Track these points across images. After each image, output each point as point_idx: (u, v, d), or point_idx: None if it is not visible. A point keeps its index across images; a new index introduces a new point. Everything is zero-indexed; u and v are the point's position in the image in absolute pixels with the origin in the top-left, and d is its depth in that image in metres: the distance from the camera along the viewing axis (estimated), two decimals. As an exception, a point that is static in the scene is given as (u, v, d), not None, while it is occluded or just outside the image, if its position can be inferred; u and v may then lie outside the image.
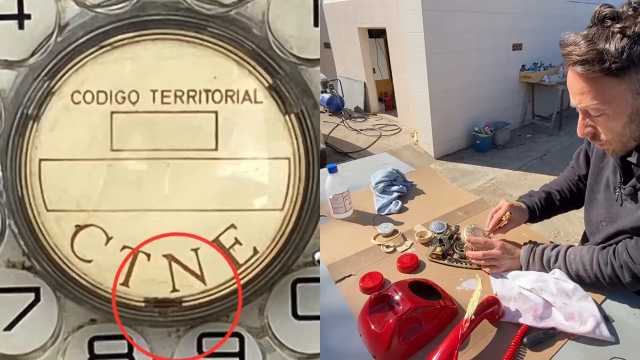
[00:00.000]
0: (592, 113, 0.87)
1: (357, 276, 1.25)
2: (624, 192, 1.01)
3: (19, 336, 0.72)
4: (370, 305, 1.03)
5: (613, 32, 0.77)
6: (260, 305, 0.74)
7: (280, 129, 0.72)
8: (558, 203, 1.34)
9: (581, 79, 0.84)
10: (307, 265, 0.74)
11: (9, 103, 0.70)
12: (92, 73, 0.71)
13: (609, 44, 0.77)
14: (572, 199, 1.35)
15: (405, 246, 1.39)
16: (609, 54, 0.77)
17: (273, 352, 0.75)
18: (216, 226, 0.73)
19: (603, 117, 0.86)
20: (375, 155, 2.60)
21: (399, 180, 1.86)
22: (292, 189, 0.73)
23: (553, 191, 1.36)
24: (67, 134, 0.71)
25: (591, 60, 0.78)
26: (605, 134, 0.90)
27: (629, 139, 0.90)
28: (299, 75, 0.72)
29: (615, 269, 0.97)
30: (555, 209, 1.36)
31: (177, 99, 0.71)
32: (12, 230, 0.72)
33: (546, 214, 1.36)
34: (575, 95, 0.88)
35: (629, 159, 0.97)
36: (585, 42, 0.80)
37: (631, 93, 0.81)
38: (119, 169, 0.72)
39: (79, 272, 0.72)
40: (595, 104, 0.84)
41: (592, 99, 0.84)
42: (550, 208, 1.35)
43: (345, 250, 1.40)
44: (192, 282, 0.73)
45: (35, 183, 0.71)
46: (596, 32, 0.80)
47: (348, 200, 1.62)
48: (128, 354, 0.73)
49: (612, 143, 0.92)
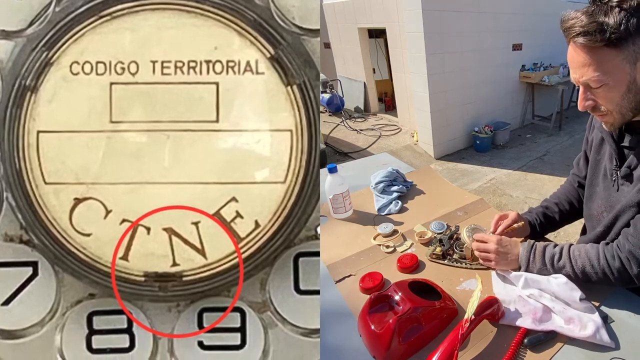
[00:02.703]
0: (593, 85, 0.90)
1: (357, 276, 1.26)
2: (620, 174, 1.04)
3: (17, 311, 0.71)
4: (370, 305, 1.03)
5: (611, 6, 0.82)
6: (262, 279, 0.73)
7: (282, 100, 0.71)
8: (558, 217, 1.36)
9: (583, 51, 0.87)
10: (309, 239, 0.73)
11: (6, 74, 0.69)
12: (91, 43, 0.70)
13: (608, 17, 0.82)
14: (572, 212, 1.37)
15: (405, 246, 1.40)
16: (609, 26, 0.81)
17: (275, 328, 0.73)
18: (217, 199, 0.72)
19: (603, 88, 0.90)
20: (375, 155, 2.60)
21: (399, 180, 1.86)
22: (294, 162, 0.72)
23: (551, 205, 1.38)
24: (66, 105, 0.70)
25: (592, 31, 0.83)
26: (606, 105, 0.93)
27: (627, 110, 0.93)
28: (301, 45, 0.71)
29: (623, 261, 0.98)
30: (555, 223, 1.37)
31: (177, 69, 0.70)
32: (9, 203, 0.70)
33: (549, 229, 1.36)
34: (576, 69, 0.91)
35: (623, 144, 1.03)
36: (586, 16, 0.84)
37: (629, 63, 0.86)
38: (119, 141, 0.70)
39: (77, 245, 0.71)
40: (597, 76, 0.87)
41: (594, 71, 0.87)
42: (551, 223, 1.36)
43: (345, 250, 1.41)
44: (193, 256, 0.72)
45: (33, 155, 0.70)
46: (595, 7, 0.84)
47: (348, 200, 1.63)
48: (127, 329, 0.72)
49: (611, 114, 0.95)
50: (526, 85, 6.27)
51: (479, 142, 5.58)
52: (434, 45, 4.82)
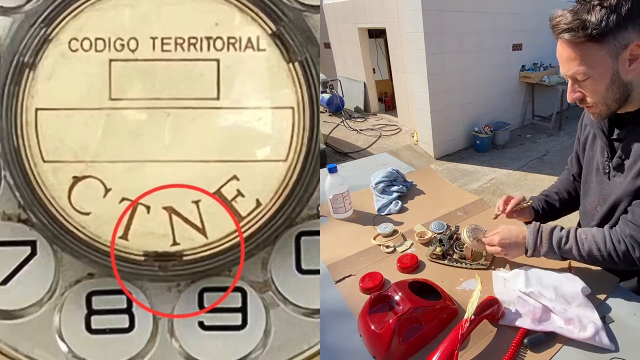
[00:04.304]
0: (579, 78, 0.97)
1: (357, 276, 1.25)
2: (612, 165, 1.10)
3: (15, 291, 0.70)
4: (370, 306, 1.03)
5: (593, 5, 0.88)
6: (263, 259, 0.72)
7: (284, 77, 0.71)
8: (558, 205, 1.41)
9: (568, 46, 0.94)
10: (311, 217, 0.72)
11: (4, 51, 0.68)
12: (90, 20, 0.69)
13: (591, 15, 0.88)
14: (571, 201, 1.42)
15: (405, 246, 1.40)
16: (591, 23, 0.88)
17: (276, 307, 0.72)
18: (218, 177, 0.71)
19: (589, 80, 0.96)
20: (375, 155, 2.60)
21: (399, 180, 1.86)
22: (296, 139, 0.71)
23: (552, 195, 1.43)
24: (65, 82, 0.69)
25: (576, 27, 0.90)
26: (592, 97, 1.00)
27: (612, 101, 0.99)
28: (303, 21, 0.71)
29: (627, 245, 1.01)
30: (556, 211, 1.41)
31: (177, 46, 0.69)
32: (7, 181, 0.69)
33: (551, 217, 1.41)
34: (564, 63, 0.98)
35: (613, 137, 1.09)
36: (570, 14, 0.92)
37: (611, 57, 0.92)
38: (118, 118, 0.70)
39: (76, 224, 0.70)
40: (582, 69, 0.94)
41: (579, 65, 0.94)
42: (552, 211, 1.41)
43: (345, 250, 1.41)
44: (193, 235, 0.71)
45: (32, 133, 0.69)
46: (580, 6, 0.91)
47: (348, 200, 1.63)
48: (127, 309, 0.71)
49: (597, 105, 1.01)
50: (526, 85, 6.27)
51: (479, 142, 5.58)
52: (434, 45, 4.81)
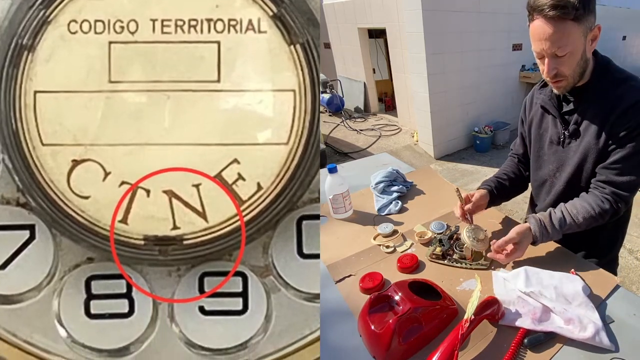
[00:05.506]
0: (559, 54, 1.05)
1: (357, 276, 1.25)
2: (567, 133, 1.21)
3: (13, 275, 0.69)
4: (370, 306, 1.03)
5: None
6: (264, 243, 0.71)
7: (285, 59, 0.70)
8: (508, 184, 1.47)
9: (553, 24, 1.00)
10: (312, 201, 0.71)
11: (2, 33, 0.68)
12: (89, 1, 0.68)
13: None
14: (517, 180, 1.50)
15: (405, 246, 1.39)
16: (573, 3, 0.96)
17: (277, 292, 0.71)
18: (218, 161, 0.70)
19: (568, 55, 1.05)
20: (375, 156, 2.59)
21: (398, 180, 1.86)
22: (297, 122, 0.70)
23: (501, 175, 1.50)
24: (64, 64, 0.68)
25: (563, 5, 0.97)
26: (566, 71, 1.09)
27: (577, 75, 1.11)
28: (304, 3, 0.70)
29: (612, 202, 1.14)
30: (507, 190, 1.48)
31: (177, 28, 0.69)
32: (6, 165, 0.69)
33: (503, 197, 1.47)
34: (545, 41, 1.04)
35: (565, 110, 1.21)
36: None
37: (583, 36, 1.03)
38: (118, 101, 0.69)
39: (75, 208, 0.69)
40: (565, 45, 1.03)
41: (561, 40, 1.02)
42: (504, 190, 1.46)
43: (345, 251, 1.40)
44: (194, 219, 0.70)
45: (30, 116, 0.68)
46: None
47: (348, 200, 1.62)
48: (127, 293, 0.70)
49: (567, 79, 1.11)
50: (526, 85, 6.26)
51: (479, 142, 5.58)
52: (434, 45, 4.82)
